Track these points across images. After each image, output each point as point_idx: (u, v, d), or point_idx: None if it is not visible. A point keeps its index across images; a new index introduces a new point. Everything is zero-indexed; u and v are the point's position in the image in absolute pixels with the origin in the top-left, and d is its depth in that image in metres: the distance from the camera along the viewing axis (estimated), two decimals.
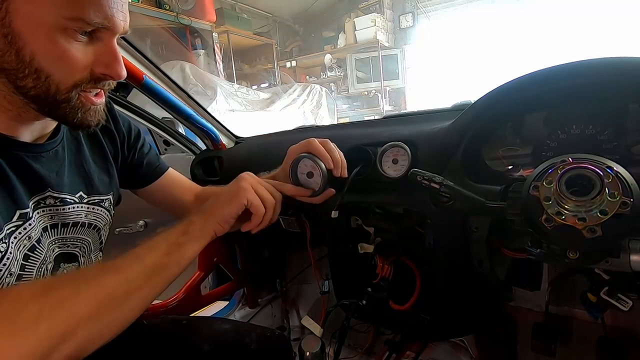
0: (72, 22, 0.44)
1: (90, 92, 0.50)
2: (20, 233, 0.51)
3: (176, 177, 0.82)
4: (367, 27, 5.10)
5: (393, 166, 0.79)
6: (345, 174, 0.68)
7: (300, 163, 0.67)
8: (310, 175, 0.66)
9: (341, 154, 0.68)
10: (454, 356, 1.14)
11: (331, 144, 0.67)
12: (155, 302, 1.17)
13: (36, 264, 0.54)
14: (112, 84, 0.53)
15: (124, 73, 0.51)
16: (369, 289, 0.89)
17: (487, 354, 1.08)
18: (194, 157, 1.27)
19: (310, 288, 1.49)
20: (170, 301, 1.17)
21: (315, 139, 0.67)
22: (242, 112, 3.53)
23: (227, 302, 1.48)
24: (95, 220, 0.64)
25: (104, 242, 0.67)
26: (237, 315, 1.46)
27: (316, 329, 0.99)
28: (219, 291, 1.37)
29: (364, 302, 0.88)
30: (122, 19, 0.48)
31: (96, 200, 0.64)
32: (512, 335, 1.02)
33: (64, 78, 0.47)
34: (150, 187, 0.78)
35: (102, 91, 0.53)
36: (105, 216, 0.66)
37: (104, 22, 0.46)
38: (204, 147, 1.27)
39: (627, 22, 3.82)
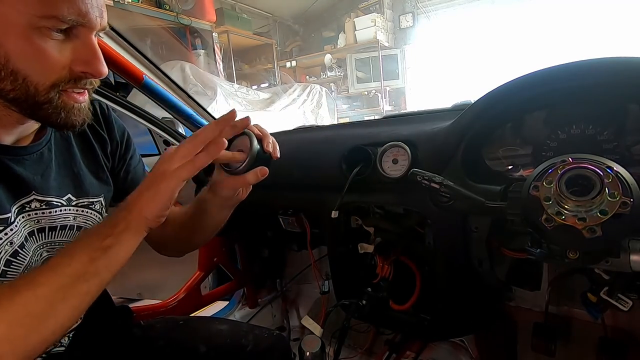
0: (45, 20, 0.43)
1: (71, 91, 0.49)
2: (0, 239, 0.50)
3: None
4: (367, 27, 5.10)
5: (393, 166, 0.79)
6: (277, 154, 0.61)
7: (237, 139, 0.60)
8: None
9: (268, 133, 0.61)
10: (454, 356, 1.14)
11: (259, 125, 0.61)
12: (154, 302, 1.18)
13: (19, 270, 0.53)
14: (95, 82, 0.52)
15: (105, 70, 0.49)
16: (369, 289, 0.89)
17: (487, 354, 1.08)
18: None
19: (310, 288, 1.49)
20: (170, 301, 1.17)
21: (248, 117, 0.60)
22: (242, 112, 3.53)
23: (227, 302, 1.48)
24: (86, 223, 0.62)
25: None
26: (237, 315, 1.46)
27: (316, 329, 0.99)
28: (219, 291, 1.37)
29: (364, 302, 0.88)
30: (98, 14, 0.47)
31: (85, 203, 0.62)
32: (512, 335, 1.02)
33: (41, 78, 0.45)
34: None
35: (86, 90, 0.51)
36: (97, 219, 0.64)
37: (78, 19, 0.45)
38: None
39: (627, 22, 3.82)
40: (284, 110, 4.12)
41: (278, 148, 0.61)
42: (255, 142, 0.58)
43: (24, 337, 0.41)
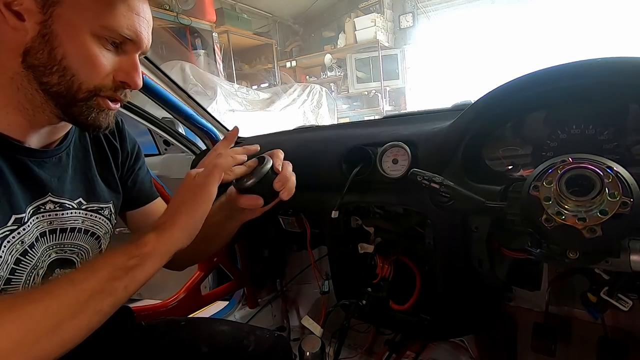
0: (106, 30, 0.49)
1: (107, 98, 0.54)
2: (13, 237, 0.51)
3: (162, 209, 0.77)
4: (367, 27, 5.11)
5: (393, 166, 0.79)
6: (286, 195, 0.62)
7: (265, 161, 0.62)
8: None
9: (291, 175, 0.64)
10: (454, 356, 1.14)
11: (289, 166, 0.64)
12: (154, 302, 1.18)
13: (27, 269, 0.54)
14: (128, 94, 0.57)
15: (141, 83, 0.55)
16: (369, 289, 0.89)
17: (487, 354, 1.08)
18: (194, 157, 1.27)
19: (310, 288, 1.49)
20: (170, 301, 1.17)
21: (280, 151, 0.65)
22: (242, 112, 3.53)
23: (227, 302, 1.48)
24: (94, 227, 0.64)
25: (104, 250, 0.67)
26: (237, 315, 1.46)
27: (316, 329, 0.99)
28: (219, 291, 1.37)
29: (364, 302, 0.88)
30: (147, 38, 0.54)
31: (95, 208, 0.64)
32: (512, 335, 1.02)
33: (87, 79, 0.50)
34: (133, 212, 0.76)
35: (118, 100, 0.56)
36: (105, 224, 0.66)
37: (132, 36, 0.51)
38: (204, 147, 1.27)
39: (627, 22, 3.82)
40: (284, 110, 4.12)
41: (291, 188, 0.63)
42: (267, 168, 0.61)
43: (25, 352, 0.40)
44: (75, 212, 0.61)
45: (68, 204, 0.60)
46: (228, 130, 1.27)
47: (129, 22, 0.50)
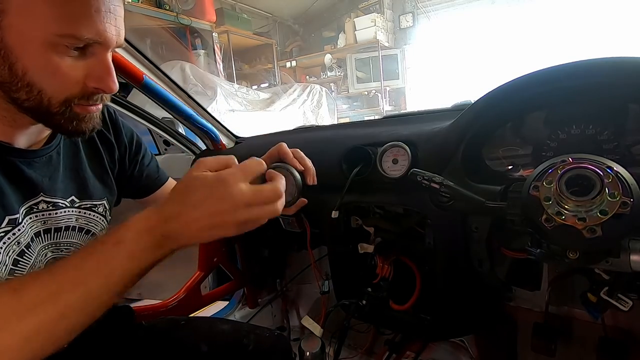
0: (62, 38, 0.44)
1: (84, 105, 0.50)
2: (9, 238, 0.51)
3: None
4: (367, 27, 5.10)
5: (393, 166, 0.79)
6: (315, 182, 0.60)
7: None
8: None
9: (310, 161, 0.60)
10: (454, 356, 1.14)
11: (301, 152, 0.60)
12: (154, 302, 1.18)
13: (25, 269, 0.54)
14: (106, 97, 0.53)
15: (116, 87, 0.50)
16: (369, 289, 0.89)
17: (487, 354, 1.08)
18: (194, 157, 1.27)
19: (310, 288, 1.49)
20: (170, 301, 1.17)
21: (285, 146, 0.58)
22: (242, 112, 3.53)
23: (227, 302, 1.48)
24: (88, 225, 0.64)
25: None
26: (237, 315, 1.46)
27: (316, 329, 0.99)
28: (219, 291, 1.37)
29: (364, 302, 0.88)
30: (115, 33, 0.47)
31: (88, 205, 0.64)
32: (512, 335, 1.02)
33: (55, 93, 0.47)
34: (149, 198, 0.78)
35: (96, 104, 0.52)
36: (100, 222, 0.66)
37: (95, 38, 0.45)
38: (204, 147, 1.27)
39: (627, 22, 3.82)
40: (284, 110, 4.11)
41: (315, 175, 0.60)
42: (299, 178, 0.57)
43: (41, 349, 0.40)
44: (69, 211, 0.60)
45: (61, 203, 0.59)
46: (228, 130, 1.27)
47: (88, 23, 0.44)
